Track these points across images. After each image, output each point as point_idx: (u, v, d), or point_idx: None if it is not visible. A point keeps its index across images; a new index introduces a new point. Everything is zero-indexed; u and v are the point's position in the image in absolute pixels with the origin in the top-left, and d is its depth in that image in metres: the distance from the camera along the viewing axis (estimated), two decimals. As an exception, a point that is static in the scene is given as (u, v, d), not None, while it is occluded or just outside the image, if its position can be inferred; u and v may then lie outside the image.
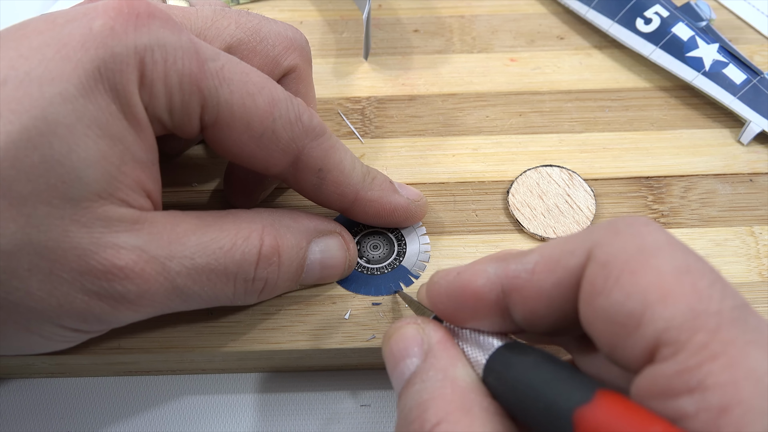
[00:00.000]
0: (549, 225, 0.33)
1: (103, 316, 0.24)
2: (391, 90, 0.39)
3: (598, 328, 0.20)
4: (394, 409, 0.31)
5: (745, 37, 0.42)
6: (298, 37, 0.31)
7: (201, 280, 0.25)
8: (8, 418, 0.30)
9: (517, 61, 0.41)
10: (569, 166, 0.35)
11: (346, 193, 0.29)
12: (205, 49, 0.25)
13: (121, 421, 0.30)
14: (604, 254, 0.20)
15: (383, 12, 0.44)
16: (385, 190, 0.30)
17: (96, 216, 0.23)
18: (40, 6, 0.44)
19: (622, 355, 0.19)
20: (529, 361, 0.21)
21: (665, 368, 0.18)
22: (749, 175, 0.36)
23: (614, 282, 0.19)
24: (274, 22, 0.31)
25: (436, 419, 0.21)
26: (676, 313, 0.18)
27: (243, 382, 0.31)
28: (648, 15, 0.39)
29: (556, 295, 0.21)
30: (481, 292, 0.23)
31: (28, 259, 0.22)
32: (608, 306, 0.19)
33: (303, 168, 0.28)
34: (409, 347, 0.24)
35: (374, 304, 0.31)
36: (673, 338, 0.18)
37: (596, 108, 0.38)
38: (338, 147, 0.28)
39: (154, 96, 0.24)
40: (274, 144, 0.26)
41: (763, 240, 0.33)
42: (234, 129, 0.26)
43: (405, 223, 0.32)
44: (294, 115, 0.27)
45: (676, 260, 0.19)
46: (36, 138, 0.22)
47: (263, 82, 0.26)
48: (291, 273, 0.28)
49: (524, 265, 0.22)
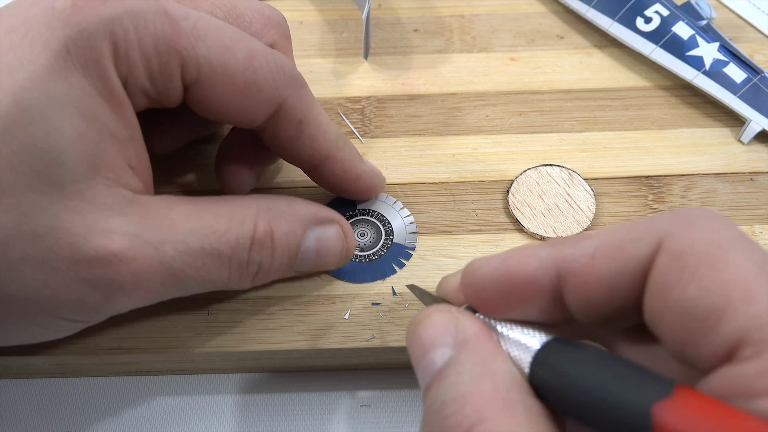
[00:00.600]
0: (549, 224, 0.33)
1: (98, 305, 0.24)
2: (391, 90, 0.39)
3: (669, 323, 0.19)
4: (394, 409, 0.31)
5: (745, 36, 0.42)
6: (275, 14, 0.31)
7: (196, 264, 0.25)
8: (8, 418, 0.30)
9: (517, 60, 0.41)
10: (569, 165, 0.35)
11: (320, 149, 0.29)
12: (175, 9, 0.25)
13: (121, 421, 0.30)
14: (678, 245, 0.19)
15: (383, 12, 0.44)
16: (354, 155, 0.31)
17: (85, 199, 0.23)
18: (40, 6, 0.44)
19: (695, 352, 0.18)
20: (588, 355, 0.20)
21: (747, 368, 0.17)
22: (750, 174, 0.36)
23: (691, 275, 0.18)
24: (249, 0, 0.30)
25: (477, 416, 0.19)
26: (760, 312, 0.17)
27: (243, 382, 0.31)
28: (648, 14, 0.39)
29: (618, 283, 0.20)
30: (534, 277, 0.21)
31: (20, 248, 0.22)
32: (684, 300, 0.18)
33: (284, 119, 0.28)
34: (440, 336, 0.22)
35: (374, 303, 0.31)
36: (758, 338, 0.17)
37: (596, 107, 0.38)
38: (316, 103, 0.29)
39: (131, 65, 0.24)
40: (257, 95, 0.26)
41: (764, 239, 0.33)
42: (216, 85, 0.26)
43: (366, 193, 0.32)
44: (275, 65, 0.27)
45: (755, 257, 0.18)
46: (11, 126, 0.22)
47: (238, 36, 0.26)
48: (285, 258, 0.28)
49: (583, 250, 0.21)
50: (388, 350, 0.30)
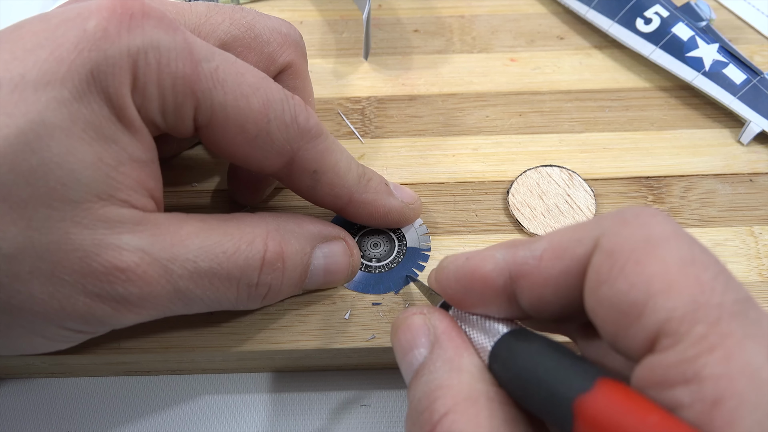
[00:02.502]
0: (549, 225, 0.33)
1: (105, 319, 0.24)
2: (391, 90, 0.39)
3: (602, 317, 0.20)
4: (394, 409, 0.31)
5: (745, 37, 0.42)
6: (292, 33, 0.31)
7: (203, 284, 0.25)
8: (8, 418, 0.30)
9: (517, 61, 0.41)
10: (569, 166, 0.35)
11: (340, 195, 0.29)
12: (200, 49, 0.25)
13: (120, 421, 0.30)
14: (611, 243, 0.20)
15: (383, 12, 0.44)
16: (379, 193, 0.30)
17: (97, 217, 0.23)
18: (40, 5, 0.44)
19: (624, 343, 0.19)
20: (532, 349, 0.21)
21: (664, 358, 0.18)
22: (749, 175, 0.36)
23: (619, 271, 0.19)
24: (267, 18, 0.31)
25: (444, 409, 0.21)
26: (678, 304, 0.18)
27: (243, 382, 0.31)
28: (648, 15, 0.39)
29: (562, 282, 0.21)
30: (488, 278, 0.23)
31: (29, 261, 0.22)
32: (612, 295, 0.19)
33: (298, 169, 0.28)
34: (416, 338, 0.24)
35: (374, 304, 0.31)
36: (674, 329, 0.18)
37: (596, 108, 0.38)
38: (334, 149, 0.28)
39: (146, 98, 0.24)
40: (268, 145, 0.26)
41: (763, 240, 0.33)
42: (228, 130, 0.26)
43: (398, 224, 0.32)
44: (290, 117, 0.26)
45: (682, 251, 0.19)
46: (34, 141, 0.22)
47: (258, 83, 0.26)
48: (295, 278, 0.28)
49: (532, 252, 0.22)
50: (388, 350, 0.30)
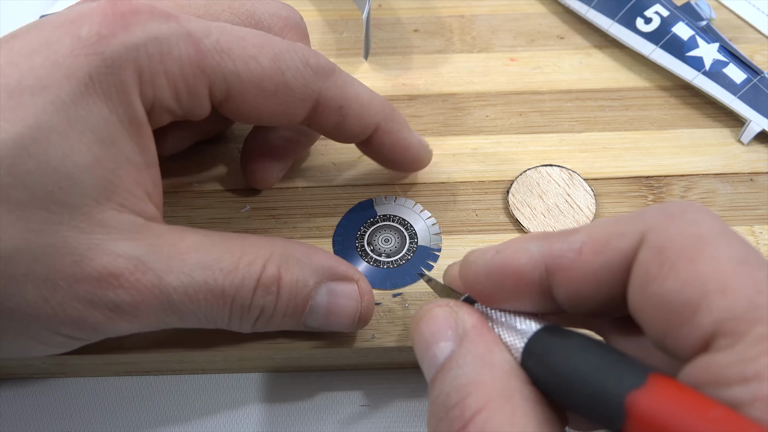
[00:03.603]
0: (549, 225, 0.33)
1: (96, 326, 0.24)
2: (391, 90, 0.39)
3: (649, 315, 0.19)
4: (394, 409, 0.31)
5: (745, 37, 0.42)
6: (293, 15, 0.31)
7: (197, 299, 0.25)
8: (8, 418, 0.30)
9: (517, 60, 0.41)
10: (569, 165, 0.35)
11: (368, 124, 0.30)
12: (197, 28, 0.25)
13: (120, 421, 0.30)
14: (659, 239, 0.19)
15: (383, 12, 0.44)
16: (402, 124, 0.31)
17: (95, 222, 0.23)
18: (40, 6, 0.44)
19: (673, 342, 0.19)
20: (572, 345, 0.20)
21: (721, 358, 0.18)
22: (749, 175, 0.36)
23: (670, 269, 0.19)
24: (266, 3, 0.31)
25: (478, 406, 0.20)
26: (735, 304, 0.18)
27: (243, 382, 0.31)
28: (648, 14, 0.39)
29: (603, 277, 0.21)
30: (523, 271, 0.22)
31: (25, 264, 0.23)
32: (663, 293, 0.19)
33: (324, 110, 0.28)
34: (441, 330, 0.23)
35: (375, 303, 0.31)
36: (732, 329, 0.18)
37: (596, 107, 0.38)
38: (352, 81, 0.29)
39: (158, 89, 0.24)
40: (290, 96, 0.27)
41: (764, 240, 0.33)
42: (247, 95, 0.26)
43: (413, 164, 0.32)
44: (301, 62, 0.27)
45: (734, 250, 0.19)
46: (31, 145, 0.22)
47: (261, 41, 0.26)
48: (290, 308, 0.27)
49: (570, 245, 0.21)
50: (388, 350, 0.30)
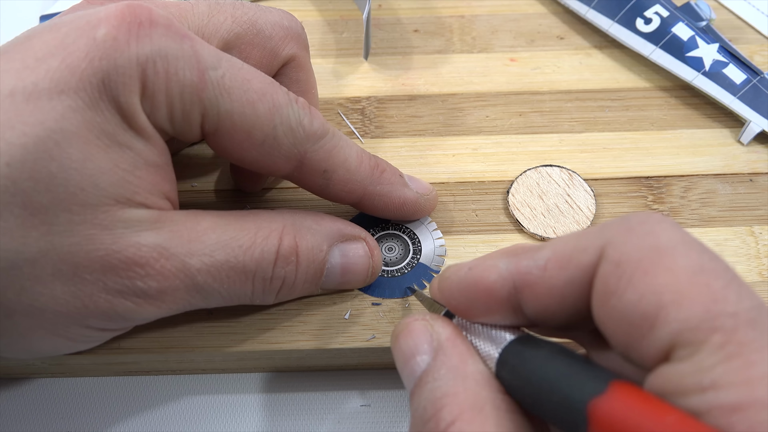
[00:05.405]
0: (549, 225, 0.33)
1: (126, 314, 0.25)
2: (391, 90, 0.39)
3: (612, 328, 0.20)
4: (394, 409, 0.31)
5: (745, 37, 0.42)
6: (294, 25, 0.31)
7: (220, 278, 0.26)
8: (8, 418, 0.30)
9: (517, 61, 0.41)
10: (569, 166, 0.35)
11: (354, 190, 0.29)
12: (206, 56, 0.25)
13: (121, 421, 0.30)
14: (617, 253, 0.20)
15: (383, 12, 0.44)
16: (394, 184, 0.30)
17: (116, 219, 0.24)
18: (40, 6, 0.44)
19: (636, 354, 0.19)
20: (542, 354, 0.21)
21: (680, 368, 0.18)
22: (749, 175, 0.36)
23: (627, 282, 0.19)
24: (269, 12, 0.31)
25: (451, 418, 0.21)
26: (691, 315, 0.18)
27: (243, 382, 0.31)
28: (648, 15, 0.39)
29: (568, 292, 0.21)
30: (492, 288, 0.22)
31: (51, 264, 0.23)
32: (621, 306, 0.19)
33: (308, 170, 0.28)
34: (418, 344, 0.23)
35: (374, 304, 0.31)
36: (689, 340, 0.18)
37: (596, 108, 0.38)
38: (342, 145, 0.28)
39: (155, 106, 0.24)
40: (276, 150, 0.27)
41: (763, 240, 0.33)
42: (235, 136, 0.26)
43: (414, 216, 0.32)
44: (295, 121, 0.27)
45: (690, 260, 0.19)
46: (53, 149, 0.22)
47: (264, 88, 0.26)
48: (310, 274, 0.28)
49: (536, 262, 0.22)
50: (388, 350, 0.29)
